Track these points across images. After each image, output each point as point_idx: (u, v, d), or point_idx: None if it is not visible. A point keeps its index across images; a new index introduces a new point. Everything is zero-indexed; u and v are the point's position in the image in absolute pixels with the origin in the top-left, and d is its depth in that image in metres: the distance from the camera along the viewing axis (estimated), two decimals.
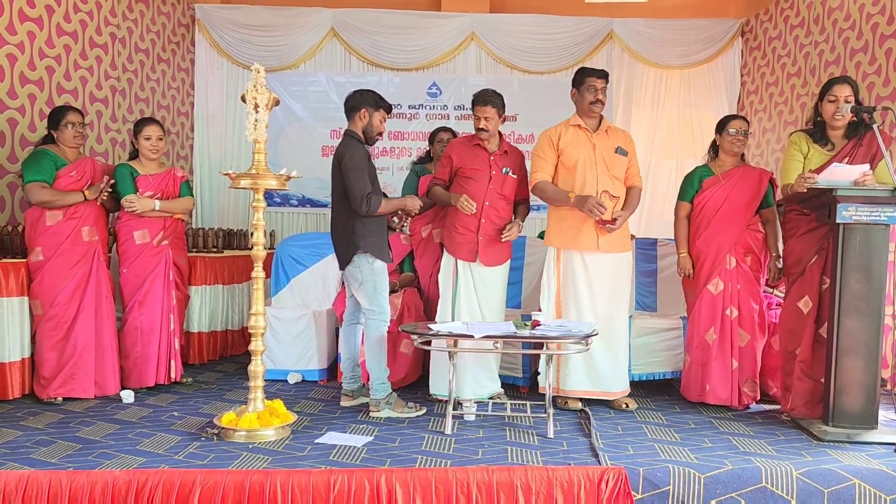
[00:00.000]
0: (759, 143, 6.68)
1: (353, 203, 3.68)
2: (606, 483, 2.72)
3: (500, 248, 4.09)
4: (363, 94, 3.83)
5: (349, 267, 3.76)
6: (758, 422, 3.71)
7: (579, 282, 3.91)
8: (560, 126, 4.04)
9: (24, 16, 4.49)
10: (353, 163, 3.68)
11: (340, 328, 4.09)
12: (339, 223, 3.80)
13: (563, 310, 3.93)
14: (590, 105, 3.94)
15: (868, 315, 3.36)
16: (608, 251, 3.90)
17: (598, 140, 3.96)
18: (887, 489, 2.80)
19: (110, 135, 5.57)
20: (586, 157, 3.92)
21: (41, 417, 3.62)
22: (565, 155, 3.95)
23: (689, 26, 7.14)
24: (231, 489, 2.62)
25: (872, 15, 4.97)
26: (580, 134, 3.97)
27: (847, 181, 3.34)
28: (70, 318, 3.93)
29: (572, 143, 3.95)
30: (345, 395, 3.98)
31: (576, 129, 3.99)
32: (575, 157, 3.93)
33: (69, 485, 2.63)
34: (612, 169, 3.94)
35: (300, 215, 7.23)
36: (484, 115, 3.98)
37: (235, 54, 7.05)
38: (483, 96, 3.99)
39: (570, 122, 4.03)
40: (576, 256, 3.92)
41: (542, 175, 3.98)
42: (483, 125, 3.98)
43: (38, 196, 3.89)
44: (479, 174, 4.02)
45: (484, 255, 4.02)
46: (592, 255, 3.90)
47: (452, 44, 7.16)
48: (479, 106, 3.99)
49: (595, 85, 3.93)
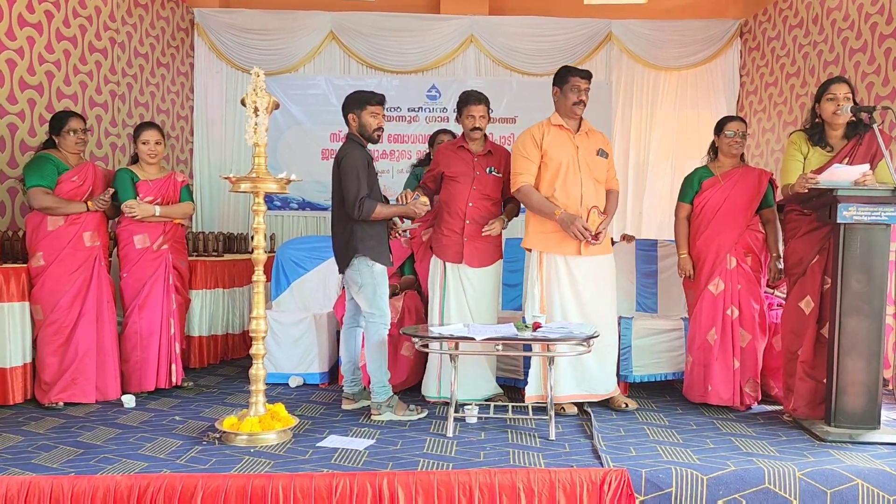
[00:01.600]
0: (758, 144, 6.68)
1: (347, 206, 3.68)
2: (609, 485, 2.71)
3: (486, 249, 4.08)
4: (348, 98, 3.83)
5: (349, 270, 3.76)
6: (760, 422, 3.71)
7: (563, 285, 3.87)
8: (542, 125, 3.96)
9: (24, 21, 4.50)
10: (349, 166, 3.67)
11: (341, 331, 4.09)
12: (339, 226, 3.80)
13: (548, 313, 3.89)
14: (573, 106, 3.87)
15: (869, 315, 3.36)
16: (591, 254, 3.88)
17: (580, 141, 3.91)
18: (890, 489, 2.79)
19: (110, 139, 5.57)
20: (570, 158, 3.87)
21: (42, 422, 3.61)
22: (548, 156, 3.88)
23: (688, 27, 7.15)
24: (233, 493, 2.62)
25: (871, 15, 4.97)
26: (562, 134, 3.91)
27: (847, 181, 3.34)
28: (71, 323, 3.93)
29: (555, 143, 3.88)
30: (346, 398, 3.97)
31: (558, 129, 3.92)
32: (558, 159, 3.86)
33: (71, 490, 2.63)
34: (594, 171, 3.91)
35: (300, 219, 7.24)
36: (478, 113, 3.99)
37: (235, 58, 7.06)
38: (475, 95, 4.00)
39: (551, 122, 3.95)
40: (559, 259, 3.88)
41: (527, 178, 3.88)
42: (478, 124, 3.99)
43: (41, 202, 3.89)
44: (462, 176, 4.04)
45: (469, 257, 4.02)
46: (575, 257, 3.87)
47: (451, 46, 7.17)
48: (472, 105, 3.99)
49: (579, 85, 3.86)
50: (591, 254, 3.87)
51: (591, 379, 3.91)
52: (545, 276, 3.91)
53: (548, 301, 3.90)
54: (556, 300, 3.88)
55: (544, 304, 3.91)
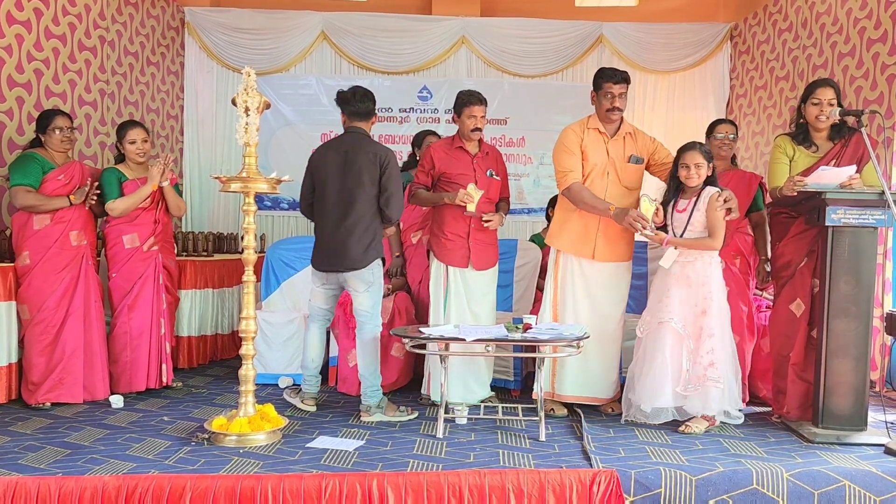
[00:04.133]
0: (748, 147, 6.72)
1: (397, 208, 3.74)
2: (598, 486, 2.72)
3: (490, 252, 4.10)
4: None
5: (364, 270, 3.72)
6: (748, 424, 3.72)
7: (577, 286, 3.89)
8: (582, 125, 3.89)
9: (13, 19, 4.47)
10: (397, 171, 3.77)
11: (308, 332, 3.95)
12: (362, 226, 3.72)
13: (560, 312, 3.91)
14: (606, 112, 3.81)
15: (857, 317, 3.39)
16: (604, 260, 3.87)
17: (612, 147, 3.86)
18: (876, 490, 2.81)
19: (99, 138, 5.54)
20: (600, 163, 3.84)
21: (29, 423, 3.59)
22: (584, 158, 3.84)
23: (679, 30, 7.18)
24: (222, 494, 2.61)
25: (860, 19, 5.01)
26: (598, 139, 3.87)
27: (834, 183, 3.37)
28: (58, 323, 3.90)
29: (590, 146, 3.84)
30: (312, 398, 3.90)
31: (595, 132, 3.87)
32: (592, 163, 3.83)
33: (58, 491, 2.61)
34: (623, 179, 3.85)
35: (290, 219, 7.22)
36: (480, 114, 3.96)
37: (225, 57, 7.04)
38: (477, 96, 3.97)
39: (589, 125, 3.88)
40: (573, 260, 3.90)
41: (576, 176, 3.80)
42: (479, 125, 3.97)
43: (23, 200, 3.86)
44: (464, 179, 4.00)
45: (476, 260, 4.02)
46: (590, 261, 3.87)
47: (443, 47, 7.17)
48: (475, 106, 3.94)
49: (612, 91, 3.77)
50: (605, 259, 3.87)
51: (595, 383, 3.91)
52: (560, 276, 3.93)
53: (561, 301, 3.92)
54: (570, 301, 3.90)
55: (557, 302, 3.92)
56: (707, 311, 3.55)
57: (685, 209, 3.65)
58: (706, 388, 3.52)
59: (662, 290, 3.65)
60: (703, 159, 3.58)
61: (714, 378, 3.50)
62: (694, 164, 3.57)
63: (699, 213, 3.60)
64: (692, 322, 3.57)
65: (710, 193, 3.59)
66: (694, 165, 3.57)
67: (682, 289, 3.59)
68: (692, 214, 3.61)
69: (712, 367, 3.51)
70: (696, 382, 3.53)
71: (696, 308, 3.57)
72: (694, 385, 3.53)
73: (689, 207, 3.63)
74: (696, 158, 3.57)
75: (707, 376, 3.51)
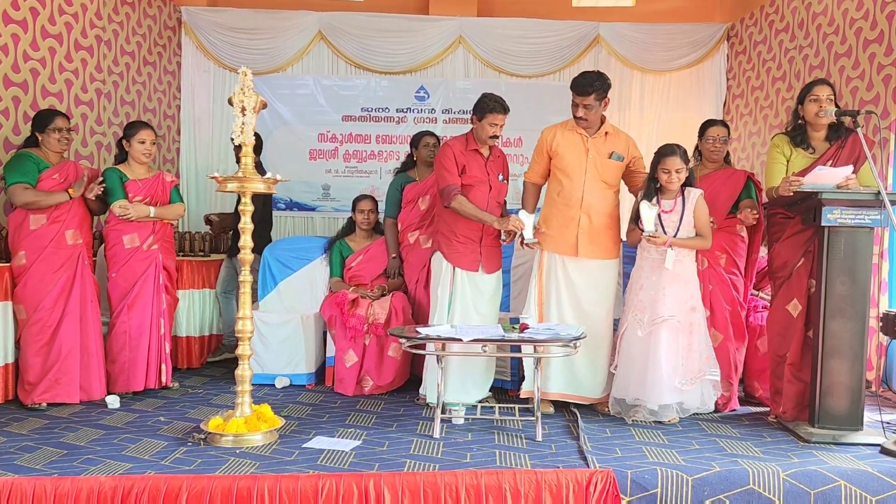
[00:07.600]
0: (744, 147, 6.73)
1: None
2: (595, 486, 2.73)
3: (496, 254, 4.13)
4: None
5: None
6: (744, 424, 3.73)
7: (560, 285, 3.91)
8: (557, 126, 4.02)
9: (9, 18, 4.45)
10: None
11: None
12: None
13: (545, 312, 3.91)
14: (576, 119, 3.93)
15: (853, 317, 3.40)
16: (588, 257, 3.90)
17: (592, 144, 3.93)
18: (872, 490, 2.82)
19: (95, 138, 5.52)
20: (578, 161, 3.92)
21: (25, 423, 3.58)
22: (558, 157, 3.95)
23: (675, 30, 7.19)
24: (218, 494, 2.61)
25: (856, 20, 5.02)
26: (575, 137, 3.95)
27: (831, 184, 3.37)
28: (54, 323, 3.89)
29: (565, 145, 3.94)
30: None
31: (572, 132, 3.96)
32: (567, 160, 3.92)
33: (54, 491, 2.60)
34: (602, 175, 3.93)
35: (287, 219, 7.20)
36: (501, 122, 3.95)
37: (222, 57, 7.02)
38: (501, 103, 3.92)
39: (567, 126, 4.00)
40: (557, 259, 3.92)
41: (531, 177, 4.12)
42: (498, 133, 3.97)
43: (22, 197, 3.85)
44: (478, 183, 3.99)
45: (487, 264, 4.04)
46: (574, 259, 3.90)
47: (440, 47, 7.16)
48: (498, 114, 3.90)
49: (576, 101, 3.89)
50: (588, 256, 3.89)
51: (580, 382, 3.92)
52: (545, 275, 3.95)
53: (545, 299, 3.93)
54: (553, 300, 3.92)
55: (542, 301, 3.93)
56: (696, 308, 3.75)
57: (672, 210, 3.78)
58: (703, 383, 3.73)
59: (657, 288, 3.72)
60: (682, 164, 3.74)
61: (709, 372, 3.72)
62: (675, 170, 3.72)
63: (689, 214, 3.75)
64: (685, 318, 3.72)
65: (697, 195, 3.77)
66: (675, 171, 3.72)
67: (675, 286, 3.73)
68: (683, 216, 3.75)
69: (707, 360, 3.72)
70: (691, 377, 3.68)
71: (686, 305, 3.73)
72: (690, 379, 3.68)
73: (678, 209, 3.77)
74: (677, 164, 3.72)
75: (701, 370, 3.70)
